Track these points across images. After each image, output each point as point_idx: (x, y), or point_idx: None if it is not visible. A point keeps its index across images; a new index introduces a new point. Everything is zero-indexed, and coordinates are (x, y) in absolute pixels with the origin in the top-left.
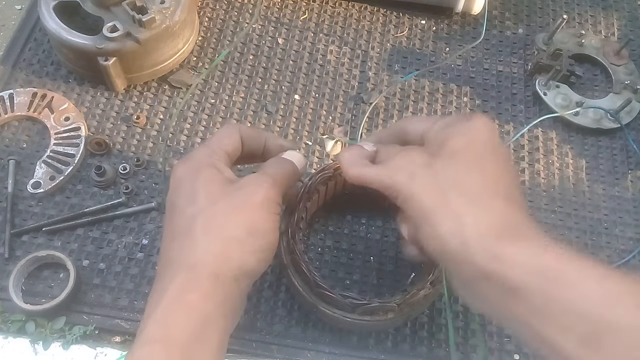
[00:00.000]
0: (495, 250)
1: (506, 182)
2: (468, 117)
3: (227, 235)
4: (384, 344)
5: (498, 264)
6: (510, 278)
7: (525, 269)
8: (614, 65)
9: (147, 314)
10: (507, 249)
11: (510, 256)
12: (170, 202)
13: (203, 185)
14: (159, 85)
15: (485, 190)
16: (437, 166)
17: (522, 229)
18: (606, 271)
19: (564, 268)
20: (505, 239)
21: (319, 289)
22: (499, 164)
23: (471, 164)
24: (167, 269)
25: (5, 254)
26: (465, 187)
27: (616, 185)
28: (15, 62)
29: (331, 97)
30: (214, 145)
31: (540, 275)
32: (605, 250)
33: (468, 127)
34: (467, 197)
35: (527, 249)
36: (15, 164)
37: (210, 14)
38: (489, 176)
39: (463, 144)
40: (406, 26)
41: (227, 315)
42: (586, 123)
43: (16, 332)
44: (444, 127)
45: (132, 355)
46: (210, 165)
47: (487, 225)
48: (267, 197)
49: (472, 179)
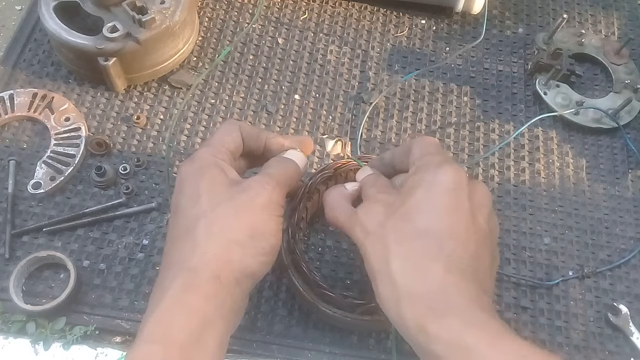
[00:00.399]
0: (422, 324)
1: (455, 244)
2: (436, 169)
3: (229, 238)
4: (384, 343)
5: (423, 336)
6: (433, 351)
7: (446, 345)
8: (614, 65)
9: (148, 314)
10: (433, 325)
11: (434, 331)
12: (175, 203)
13: (206, 186)
14: (159, 86)
15: (427, 257)
16: (389, 226)
17: (454, 303)
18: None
19: (482, 348)
20: (435, 313)
21: (319, 288)
22: (452, 229)
23: (421, 227)
24: (168, 269)
25: (6, 255)
26: (408, 253)
27: (616, 184)
28: (15, 62)
29: (331, 97)
30: (217, 143)
31: (459, 352)
32: (605, 250)
33: (430, 184)
34: (407, 262)
35: (452, 326)
36: (15, 164)
37: (210, 14)
38: (435, 243)
39: (419, 203)
40: (406, 26)
41: (227, 317)
42: (586, 122)
43: (17, 332)
44: (418, 170)
45: (132, 354)
46: (214, 165)
47: (419, 296)
48: (270, 199)
49: (417, 244)
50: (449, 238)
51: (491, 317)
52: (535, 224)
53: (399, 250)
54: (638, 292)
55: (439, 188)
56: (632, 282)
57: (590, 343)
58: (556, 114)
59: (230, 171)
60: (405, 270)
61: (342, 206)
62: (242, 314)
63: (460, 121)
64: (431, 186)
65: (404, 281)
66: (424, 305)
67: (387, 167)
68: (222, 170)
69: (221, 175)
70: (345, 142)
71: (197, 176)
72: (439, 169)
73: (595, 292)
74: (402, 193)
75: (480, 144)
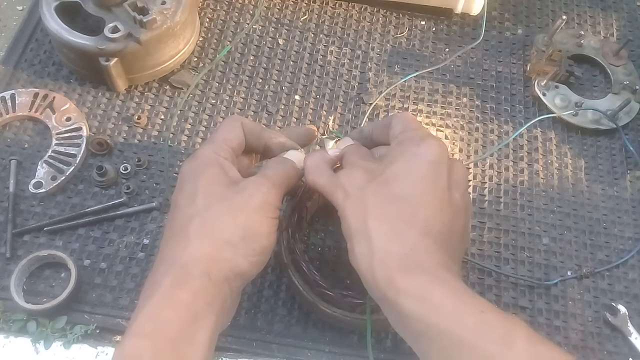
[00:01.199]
0: (392, 278)
1: (429, 212)
2: (419, 142)
3: (221, 237)
4: (383, 343)
5: (392, 290)
6: (400, 305)
7: (411, 297)
8: (613, 66)
9: (139, 307)
10: (402, 279)
11: (403, 285)
12: (174, 200)
13: (204, 185)
14: (160, 86)
15: (403, 221)
16: (369, 191)
17: (424, 263)
18: (485, 308)
19: (446, 302)
20: (405, 270)
21: (319, 288)
22: (429, 198)
23: (400, 194)
24: (160, 266)
25: (7, 254)
26: (386, 216)
27: (615, 185)
28: (16, 62)
29: (331, 98)
30: (219, 140)
31: (423, 304)
32: (604, 250)
33: (413, 155)
34: (385, 225)
35: (419, 282)
36: (16, 164)
37: (211, 15)
38: (412, 209)
39: (400, 172)
40: (406, 27)
41: (217, 314)
42: (585, 123)
43: (17, 331)
44: (401, 142)
45: (121, 347)
46: (215, 163)
47: (392, 253)
48: (265, 201)
49: (395, 208)
50: (425, 206)
51: (457, 279)
52: (534, 224)
53: (377, 212)
54: (636, 292)
55: (421, 159)
56: (630, 282)
57: (589, 343)
58: (555, 115)
59: (231, 169)
60: (382, 231)
61: (323, 170)
62: (232, 313)
63: (459, 122)
64: (413, 157)
65: (380, 240)
66: (395, 262)
67: (365, 139)
68: (222, 168)
69: (220, 174)
70: None
71: (196, 174)
72: (422, 141)
73: (594, 292)
74: (384, 162)
75: (479, 144)
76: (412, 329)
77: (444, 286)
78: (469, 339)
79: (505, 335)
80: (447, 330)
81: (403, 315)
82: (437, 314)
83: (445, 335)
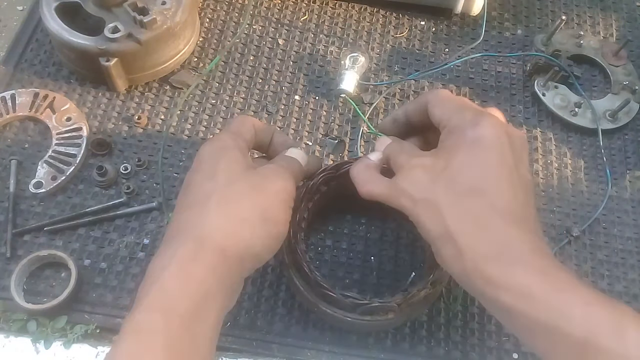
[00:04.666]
0: (488, 275)
1: (507, 198)
2: (473, 126)
3: (240, 215)
4: (383, 342)
5: (490, 287)
6: (501, 301)
7: (513, 293)
8: (612, 66)
9: (152, 280)
10: (499, 275)
11: (502, 281)
12: (188, 180)
13: (225, 164)
14: (160, 86)
15: (483, 215)
16: (437, 190)
17: (516, 254)
18: (592, 299)
19: (550, 296)
20: (499, 264)
21: (320, 288)
22: (502, 184)
23: (471, 187)
24: (175, 237)
25: (7, 254)
26: (464, 213)
27: (614, 185)
28: (17, 62)
29: (331, 98)
30: (234, 131)
31: (526, 299)
32: (603, 250)
33: (472, 143)
34: (465, 223)
35: (518, 275)
36: (17, 164)
37: (211, 15)
38: (488, 200)
39: (464, 163)
40: (406, 27)
41: (226, 293)
42: (584, 123)
43: (18, 331)
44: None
45: (132, 319)
46: (234, 147)
47: (482, 251)
48: (284, 188)
49: (470, 203)
50: (500, 193)
51: (553, 264)
52: None
53: (453, 211)
54: (636, 292)
55: (483, 145)
56: (630, 282)
57: None
58: (554, 115)
59: (248, 157)
60: (465, 230)
61: (375, 178)
62: (236, 298)
63: None
64: (473, 144)
65: (466, 240)
66: (487, 259)
67: (400, 128)
68: (242, 153)
69: (239, 157)
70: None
71: (216, 155)
72: (476, 126)
73: None
74: (440, 155)
75: None
76: (517, 324)
77: (544, 277)
78: (578, 335)
79: (615, 326)
80: (554, 327)
81: (505, 312)
82: (542, 309)
83: (553, 332)
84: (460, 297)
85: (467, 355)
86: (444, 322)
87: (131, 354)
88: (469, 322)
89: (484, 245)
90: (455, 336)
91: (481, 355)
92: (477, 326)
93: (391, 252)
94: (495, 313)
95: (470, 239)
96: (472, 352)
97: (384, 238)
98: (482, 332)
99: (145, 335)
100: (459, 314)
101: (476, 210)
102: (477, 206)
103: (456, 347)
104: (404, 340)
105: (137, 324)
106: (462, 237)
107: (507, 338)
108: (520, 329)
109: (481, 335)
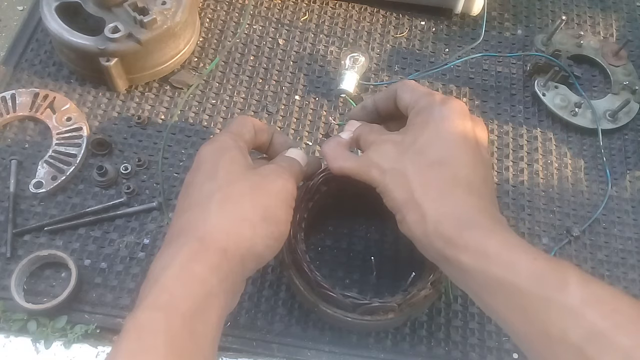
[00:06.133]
0: (450, 238)
1: (469, 170)
2: (440, 105)
3: (241, 215)
4: (383, 342)
5: (451, 249)
6: (461, 261)
7: (471, 252)
8: (612, 66)
9: (153, 279)
10: (459, 237)
11: (462, 242)
12: (188, 180)
13: (226, 164)
14: (160, 86)
15: (447, 184)
16: (406, 162)
17: (476, 219)
18: (538, 255)
19: (502, 252)
20: (460, 228)
21: (320, 288)
22: (465, 158)
23: (437, 159)
24: (177, 237)
25: (7, 254)
26: (430, 181)
27: (614, 185)
28: (17, 62)
29: (331, 98)
30: (234, 131)
31: (482, 257)
32: (603, 250)
33: (440, 119)
34: (431, 190)
35: (476, 237)
36: (17, 164)
37: (211, 15)
38: (452, 171)
39: (431, 138)
40: (406, 27)
41: (228, 293)
42: (585, 123)
43: (18, 331)
44: (422, 110)
45: (134, 318)
46: (235, 147)
47: (445, 215)
48: (285, 188)
49: (436, 173)
50: (463, 166)
51: (507, 230)
52: (534, 224)
53: (420, 180)
54: (636, 292)
55: (449, 122)
56: (630, 282)
57: None
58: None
59: (248, 157)
60: (430, 196)
61: (346, 154)
62: (238, 298)
63: None
64: (441, 121)
65: (430, 205)
66: (450, 223)
67: (370, 114)
68: (242, 153)
69: (240, 157)
70: None
71: (217, 155)
72: (444, 104)
73: None
74: (409, 132)
75: None
76: (474, 283)
77: (498, 238)
78: (525, 286)
79: (559, 279)
80: (504, 280)
81: (464, 272)
82: (495, 264)
83: (504, 285)
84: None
85: (467, 355)
86: (444, 322)
87: (133, 352)
88: (469, 322)
89: (446, 209)
90: (455, 336)
91: (481, 355)
92: (477, 326)
93: (391, 252)
94: (453, 275)
95: (433, 204)
96: (472, 352)
97: (384, 238)
98: (482, 332)
99: (146, 334)
100: (459, 314)
101: (440, 180)
102: (441, 176)
103: (456, 347)
104: (404, 340)
105: (139, 323)
106: (426, 202)
107: (507, 338)
108: (477, 288)
109: (481, 335)
